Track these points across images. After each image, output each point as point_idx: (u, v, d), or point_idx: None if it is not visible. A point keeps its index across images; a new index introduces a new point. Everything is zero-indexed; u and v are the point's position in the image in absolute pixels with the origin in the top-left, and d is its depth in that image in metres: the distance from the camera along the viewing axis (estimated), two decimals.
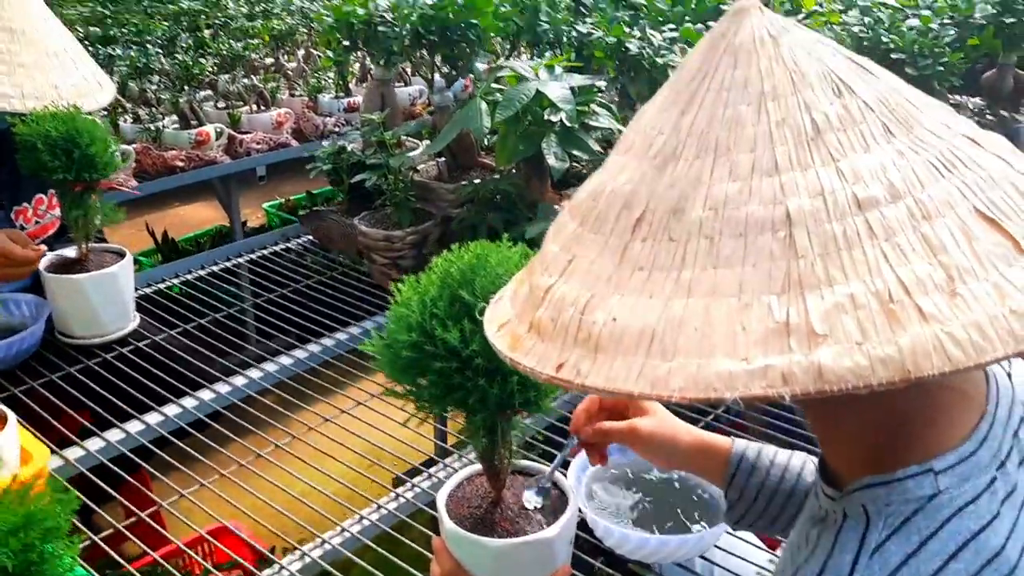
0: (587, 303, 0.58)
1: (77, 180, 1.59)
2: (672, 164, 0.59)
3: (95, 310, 1.68)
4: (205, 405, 1.59)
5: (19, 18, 1.69)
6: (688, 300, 0.54)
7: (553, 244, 0.65)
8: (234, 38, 3.49)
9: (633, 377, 0.53)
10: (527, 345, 0.61)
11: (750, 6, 0.60)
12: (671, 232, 0.56)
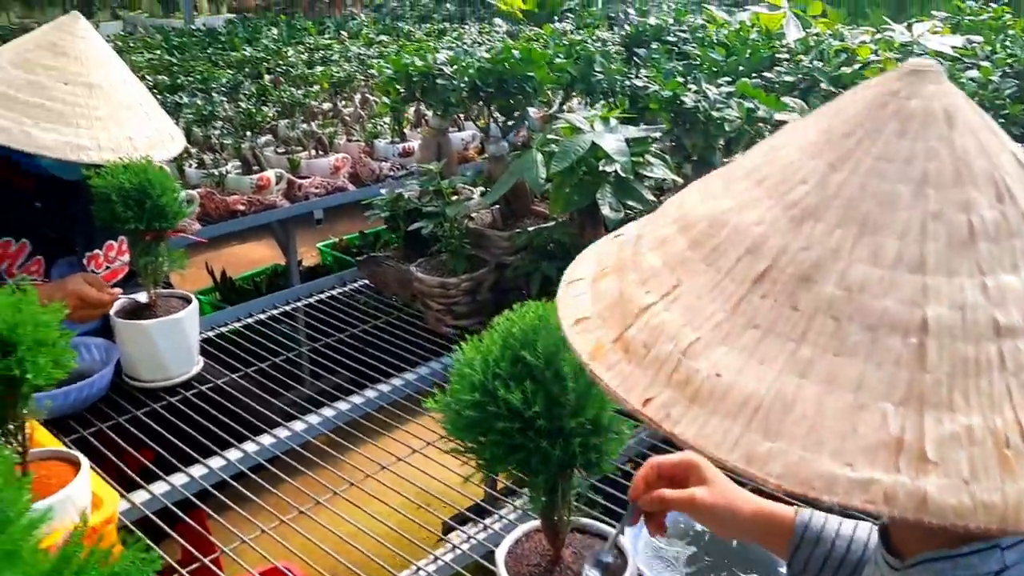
0: (690, 345, 0.55)
1: (148, 229, 1.65)
2: (811, 223, 0.55)
3: (161, 355, 1.73)
4: (265, 450, 1.62)
5: (97, 73, 1.76)
6: (802, 381, 0.52)
7: (655, 255, 0.62)
8: (295, 85, 3.60)
9: (729, 444, 0.52)
10: (611, 359, 0.59)
11: (930, 69, 0.57)
12: (796, 300, 0.54)
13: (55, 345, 1.11)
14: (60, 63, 1.72)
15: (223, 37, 5.60)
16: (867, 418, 0.50)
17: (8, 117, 1.65)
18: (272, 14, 7.35)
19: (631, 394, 0.56)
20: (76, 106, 1.70)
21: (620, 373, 0.58)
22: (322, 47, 4.66)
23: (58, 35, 1.77)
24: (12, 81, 1.69)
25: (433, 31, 5.80)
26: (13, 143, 1.62)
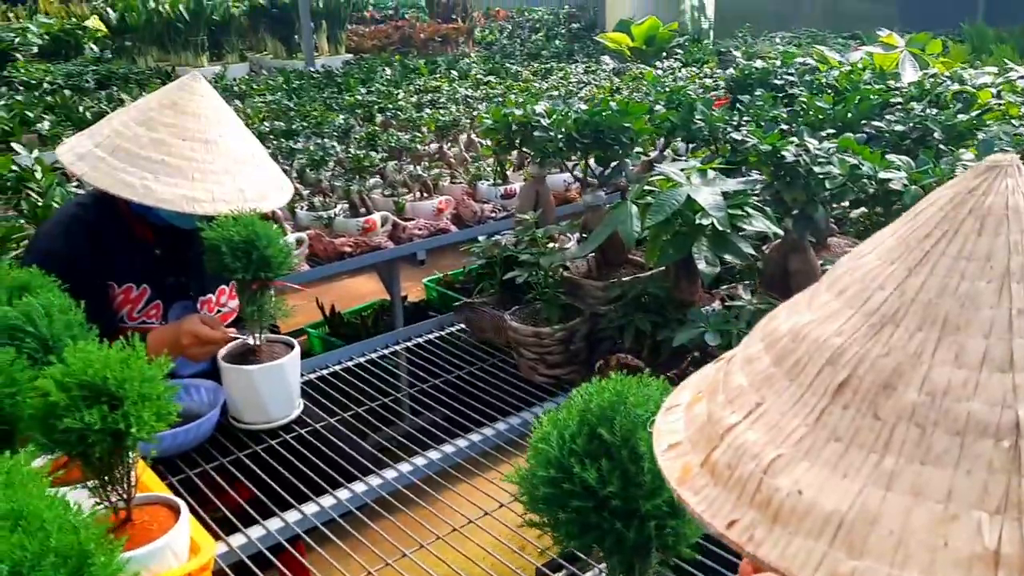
0: (772, 463, 0.55)
1: (254, 279, 1.73)
2: (890, 328, 0.54)
3: (263, 399, 1.80)
4: (357, 497, 1.66)
5: (213, 130, 1.86)
6: (887, 494, 0.50)
7: (742, 375, 0.62)
8: (403, 128, 3.70)
9: (812, 565, 0.51)
10: (698, 484, 0.59)
11: (1007, 164, 0.55)
12: (878, 409, 0.52)
13: (159, 399, 1.17)
14: (180, 120, 1.83)
15: (339, 79, 5.83)
16: (959, 530, 0.48)
17: (132, 173, 1.76)
18: (387, 54, 7.60)
19: (716, 518, 0.56)
20: (193, 160, 1.80)
21: (706, 497, 0.58)
22: (431, 89, 4.78)
23: (179, 94, 1.88)
24: (137, 139, 1.80)
25: (540, 70, 5.87)
26: (136, 197, 1.73)
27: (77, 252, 1.86)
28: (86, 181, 1.80)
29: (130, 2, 7.83)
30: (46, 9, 11.10)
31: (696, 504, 0.57)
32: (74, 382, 1.11)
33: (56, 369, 1.12)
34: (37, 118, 4.46)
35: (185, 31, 7.74)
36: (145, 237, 1.97)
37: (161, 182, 1.75)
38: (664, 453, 0.64)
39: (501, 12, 11.13)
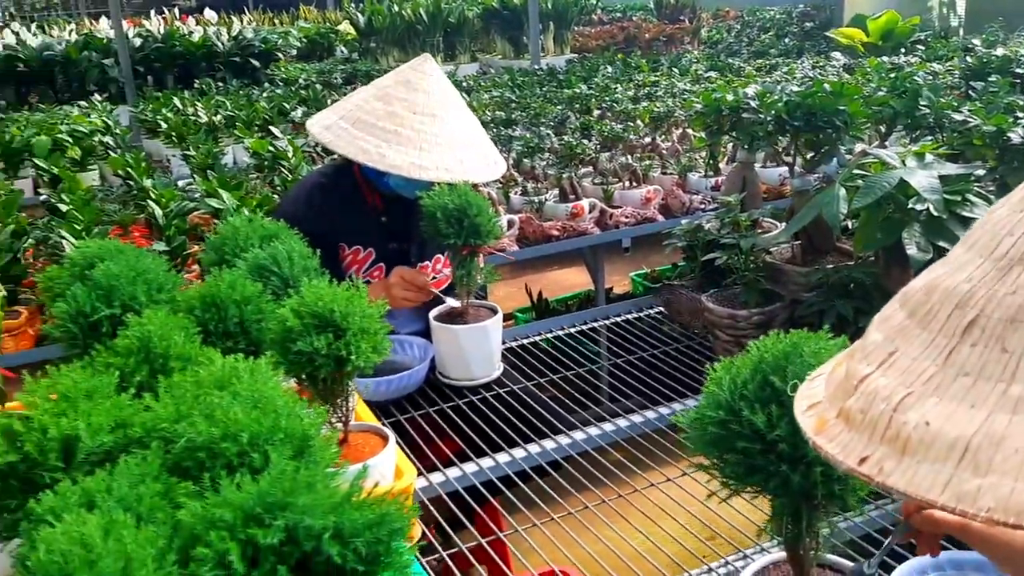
0: (901, 401, 0.58)
1: (465, 244, 1.86)
2: (1018, 269, 0.57)
3: (468, 357, 1.94)
4: (546, 453, 1.75)
5: (440, 106, 2.03)
6: (1013, 417, 0.53)
7: (877, 332, 0.65)
8: (618, 120, 3.77)
9: (939, 486, 0.54)
10: (833, 432, 0.63)
11: None
12: (1005, 342, 0.55)
13: (376, 334, 1.32)
14: (411, 96, 2.02)
15: (561, 76, 5.99)
16: None
17: (369, 141, 1.96)
18: (611, 53, 7.70)
19: (849, 457, 0.60)
20: (422, 132, 1.98)
21: (840, 442, 0.62)
22: (649, 84, 4.82)
23: (411, 73, 2.07)
24: (374, 111, 2.01)
25: (764, 66, 5.73)
26: (370, 162, 1.93)
27: (314, 214, 2.09)
28: (330, 147, 2.02)
29: (377, 7, 8.47)
30: (306, 15, 12.24)
31: (830, 448, 0.62)
32: (307, 312, 1.27)
33: (294, 300, 1.29)
34: (292, 108, 4.97)
35: (423, 33, 8.26)
36: (375, 205, 2.18)
37: (393, 149, 1.93)
38: (803, 413, 0.69)
39: (731, 12, 10.90)
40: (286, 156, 3.28)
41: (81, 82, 6.70)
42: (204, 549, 0.71)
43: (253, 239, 1.61)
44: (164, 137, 4.76)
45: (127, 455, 0.88)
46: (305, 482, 0.77)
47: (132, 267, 1.37)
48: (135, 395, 1.03)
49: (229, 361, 1.04)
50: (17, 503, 0.90)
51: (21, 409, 0.96)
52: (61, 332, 1.30)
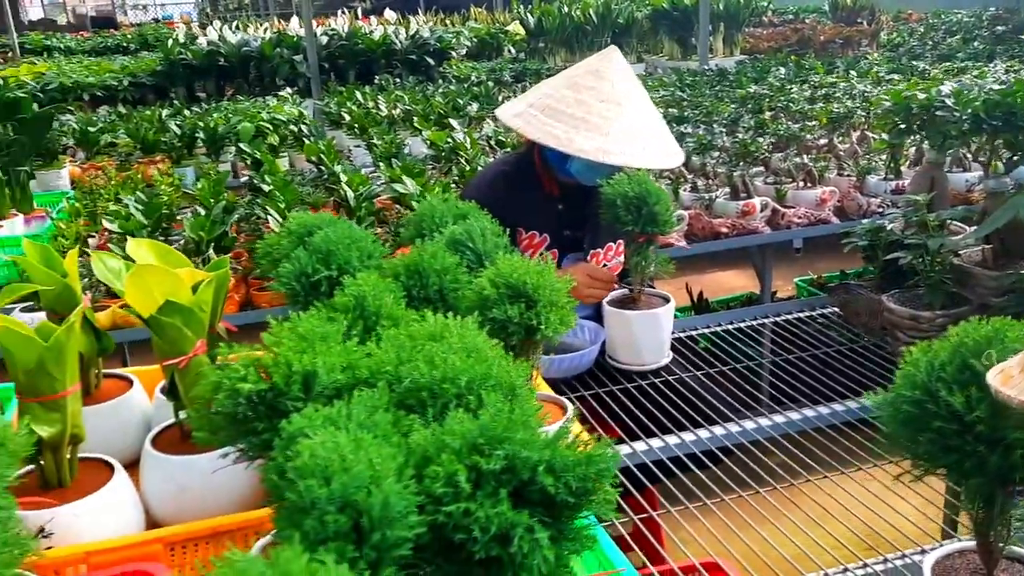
0: None
1: (642, 232, 1.92)
2: None
3: (638, 342, 1.99)
4: (716, 439, 1.78)
5: (625, 96, 2.10)
6: None
7: None
8: (793, 120, 3.71)
9: None
10: (1016, 382, 0.74)
11: None
12: None
13: (563, 308, 1.40)
14: (599, 84, 2.09)
15: (731, 76, 5.92)
16: None
17: (558, 127, 2.05)
18: (783, 55, 7.51)
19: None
20: (608, 119, 2.05)
21: (1020, 387, 0.72)
22: (826, 85, 4.69)
23: (599, 63, 2.15)
24: (563, 99, 2.10)
25: (952, 69, 5.44)
26: (560, 147, 2.01)
27: (497, 200, 2.19)
28: (521, 132, 2.12)
29: (548, 8, 8.64)
30: (476, 16, 12.62)
31: (1011, 392, 0.71)
32: (503, 282, 1.37)
33: (491, 271, 1.39)
34: (465, 104, 5.17)
35: (591, 33, 8.35)
36: (552, 193, 2.27)
37: (581, 135, 2.01)
38: (993, 376, 0.79)
39: (914, 15, 10.37)
40: (464, 147, 3.44)
41: (272, 76, 7.22)
42: (436, 468, 0.80)
43: (448, 217, 1.73)
44: (347, 128, 5.07)
45: (356, 391, 0.99)
46: (520, 420, 0.85)
47: (347, 235, 1.51)
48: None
49: (439, 317, 1.14)
50: (263, 427, 1.03)
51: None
52: (285, 289, 1.46)
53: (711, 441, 1.77)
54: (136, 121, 5.12)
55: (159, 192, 3.02)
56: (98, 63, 8.33)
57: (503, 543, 0.78)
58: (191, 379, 1.45)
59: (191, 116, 5.15)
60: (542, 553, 0.77)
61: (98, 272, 1.46)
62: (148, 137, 4.56)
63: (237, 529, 1.34)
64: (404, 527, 0.75)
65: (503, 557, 0.78)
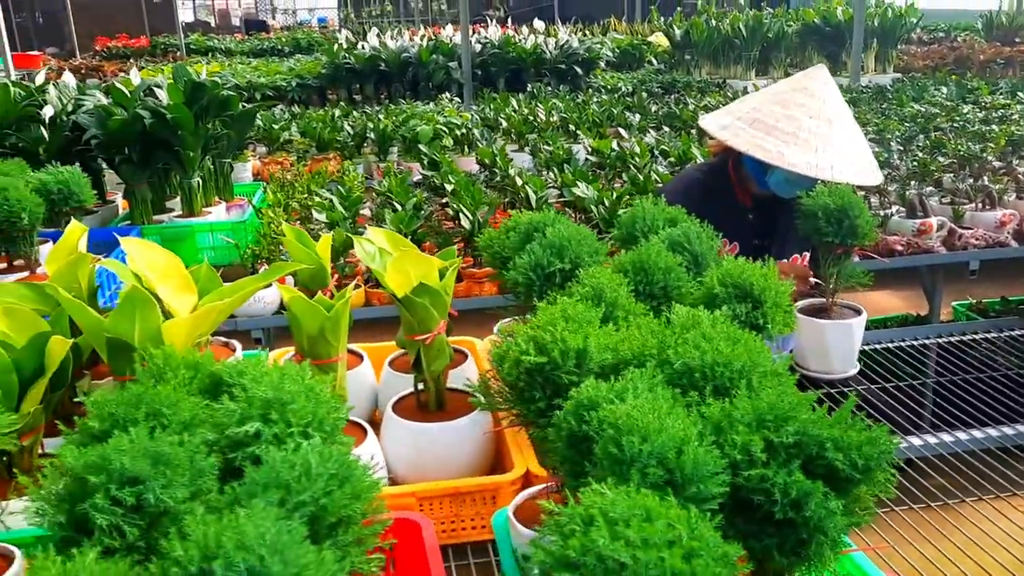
0: None
1: (841, 244, 1.97)
2: None
3: (829, 351, 2.04)
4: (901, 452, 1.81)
5: (834, 113, 2.17)
6: None
7: None
8: (972, 141, 3.64)
9: None
10: None
11: None
12: None
13: (787, 309, 1.48)
14: (809, 102, 2.16)
15: (890, 95, 5.80)
16: None
17: (768, 141, 2.13)
18: (942, 74, 7.28)
19: None
20: (818, 135, 2.12)
21: None
22: (999, 106, 4.55)
23: (809, 81, 2.22)
24: (772, 114, 2.18)
25: None
26: (770, 159, 2.09)
27: (692, 206, 2.29)
28: (730, 144, 2.20)
29: (695, 21, 8.64)
30: (616, 27, 12.71)
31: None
32: (731, 281, 1.46)
33: (718, 271, 1.49)
34: (620, 115, 5.28)
35: (739, 47, 8.30)
36: (744, 203, 2.34)
37: (791, 149, 2.09)
38: None
39: None
40: (632, 155, 3.54)
41: (428, 81, 7.52)
42: (733, 437, 0.91)
43: (659, 220, 1.83)
44: (503, 134, 5.26)
45: (627, 370, 1.11)
46: (804, 402, 0.95)
47: (576, 232, 1.64)
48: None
49: (690, 310, 1.25)
50: (540, 396, 1.17)
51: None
52: (522, 279, 1.59)
53: (903, 452, 1.81)
54: (309, 120, 5.46)
55: (351, 187, 3.26)
56: (266, 64, 8.88)
57: (796, 508, 0.87)
58: (434, 354, 1.61)
59: (359, 117, 5.45)
60: (835, 520, 0.87)
61: (359, 254, 1.64)
62: (324, 135, 4.87)
63: (476, 491, 1.49)
64: (715, 483, 0.86)
65: (797, 520, 0.87)
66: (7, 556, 1.17)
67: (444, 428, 1.58)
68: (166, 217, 3.45)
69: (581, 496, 0.78)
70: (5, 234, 2.55)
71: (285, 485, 0.83)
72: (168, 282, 1.57)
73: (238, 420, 0.97)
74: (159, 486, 0.83)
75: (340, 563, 0.77)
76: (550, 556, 0.70)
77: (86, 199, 2.74)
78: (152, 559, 0.77)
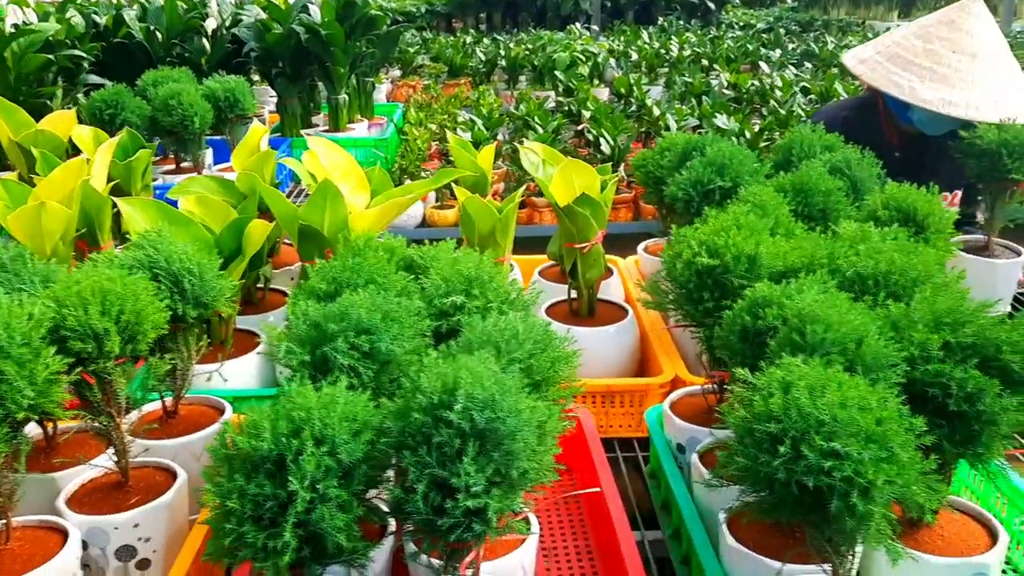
0: None
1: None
2: None
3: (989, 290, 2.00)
4: None
5: (981, 47, 2.09)
6: None
7: None
8: None
9: None
10: None
11: None
12: None
13: (951, 234, 1.49)
14: (953, 35, 2.10)
15: None
16: None
17: (903, 76, 2.09)
18: None
19: None
20: (958, 71, 2.06)
21: None
22: None
23: (957, 13, 2.14)
24: (912, 48, 2.12)
25: None
26: (901, 95, 2.06)
27: None
28: (863, 79, 2.18)
29: None
30: None
31: None
32: (895, 205, 1.48)
33: (881, 194, 1.51)
34: (756, 51, 5.16)
35: None
36: (892, 141, 2.31)
37: (926, 85, 2.04)
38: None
39: None
40: (773, 88, 3.49)
41: (556, 11, 7.49)
42: (913, 334, 0.96)
43: (816, 146, 1.84)
44: (633, 67, 5.22)
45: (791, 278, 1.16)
46: (979, 306, 0.98)
47: (736, 151, 1.68)
48: None
49: (859, 224, 1.28)
50: (708, 297, 1.23)
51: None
52: (681, 194, 1.65)
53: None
54: (441, 46, 5.56)
55: (490, 110, 3.34)
56: None
57: (970, 402, 0.92)
58: (589, 263, 1.70)
59: (490, 44, 5.51)
60: (1008, 415, 0.91)
61: (524, 162, 1.72)
62: (456, 61, 4.96)
63: (627, 391, 1.58)
64: (894, 374, 0.91)
65: (969, 413, 0.92)
66: (219, 408, 1.32)
67: (597, 332, 1.67)
68: (312, 132, 3.62)
69: (770, 371, 0.85)
70: (177, 136, 2.74)
71: (496, 344, 0.93)
72: (347, 181, 1.70)
73: (444, 292, 1.08)
74: (389, 337, 0.94)
75: (549, 411, 0.86)
76: (750, 413, 0.77)
77: (249, 107, 2.91)
78: (382, 398, 0.89)
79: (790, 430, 0.73)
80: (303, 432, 0.78)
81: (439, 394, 0.78)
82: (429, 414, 0.77)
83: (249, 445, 0.78)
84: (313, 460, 0.76)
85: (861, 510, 0.69)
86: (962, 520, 1.04)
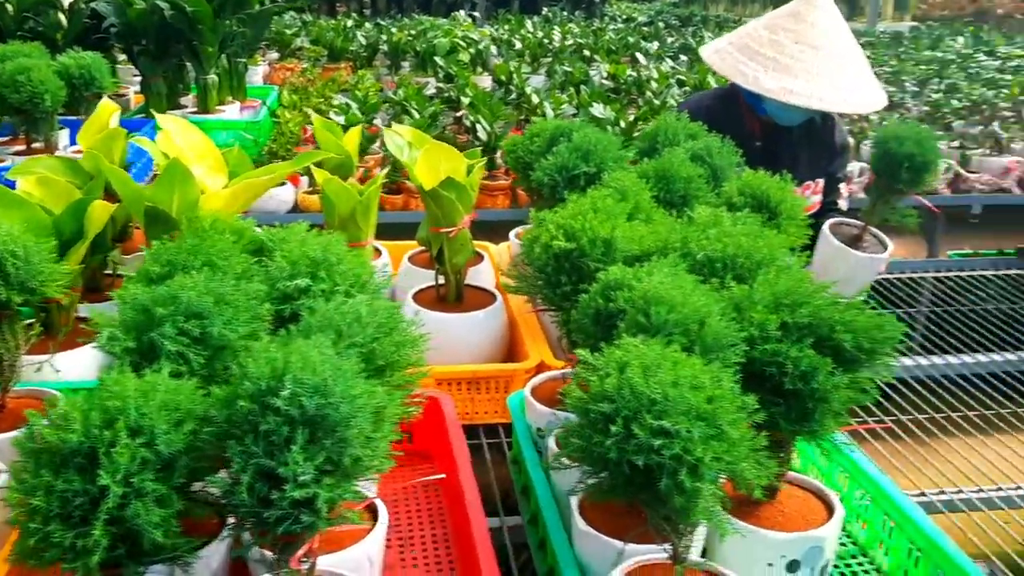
0: None
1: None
2: None
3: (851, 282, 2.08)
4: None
5: (823, 38, 2.14)
6: None
7: None
8: (985, 87, 3.67)
9: None
10: None
11: None
12: None
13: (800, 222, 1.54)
14: (797, 27, 2.16)
15: (906, 41, 5.78)
16: None
17: (749, 66, 2.14)
18: (960, 24, 7.23)
19: None
20: (800, 61, 2.11)
21: None
22: (1016, 56, 4.56)
23: (802, 5, 2.20)
24: (759, 39, 2.18)
25: None
26: (746, 84, 2.10)
27: None
28: (712, 68, 2.23)
29: None
30: None
31: None
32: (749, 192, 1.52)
33: (737, 181, 1.54)
34: (636, 43, 5.25)
35: None
36: (752, 130, 2.37)
37: (769, 75, 2.10)
38: None
39: None
40: (649, 80, 3.56)
41: None
42: (753, 315, 0.98)
43: (680, 134, 1.88)
44: (517, 56, 5.23)
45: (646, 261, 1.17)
46: (819, 290, 1.01)
47: (601, 138, 1.69)
48: None
49: (712, 209, 1.31)
50: (566, 280, 1.23)
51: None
52: (547, 179, 1.64)
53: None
54: (321, 29, 5.42)
55: (366, 94, 3.27)
56: None
57: (804, 380, 0.94)
58: (456, 248, 1.67)
59: (372, 29, 5.41)
60: (840, 393, 0.94)
61: (389, 145, 1.68)
62: (336, 44, 4.84)
63: (493, 376, 1.57)
64: (733, 354, 0.93)
65: (804, 391, 0.95)
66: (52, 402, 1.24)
67: (463, 318, 1.65)
68: (179, 113, 3.46)
69: (609, 351, 0.85)
70: (27, 115, 2.57)
71: (337, 329, 0.90)
72: (202, 162, 1.62)
73: (288, 275, 1.03)
74: (222, 321, 0.89)
75: (389, 396, 0.84)
76: (586, 393, 0.77)
77: (106, 86, 2.75)
78: (212, 386, 0.84)
79: (623, 409, 0.72)
80: (117, 423, 0.73)
81: (266, 380, 0.74)
82: (256, 401, 0.73)
83: (57, 438, 0.73)
84: (127, 452, 0.71)
85: (689, 487, 0.69)
86: (803, 496, 1.08)
